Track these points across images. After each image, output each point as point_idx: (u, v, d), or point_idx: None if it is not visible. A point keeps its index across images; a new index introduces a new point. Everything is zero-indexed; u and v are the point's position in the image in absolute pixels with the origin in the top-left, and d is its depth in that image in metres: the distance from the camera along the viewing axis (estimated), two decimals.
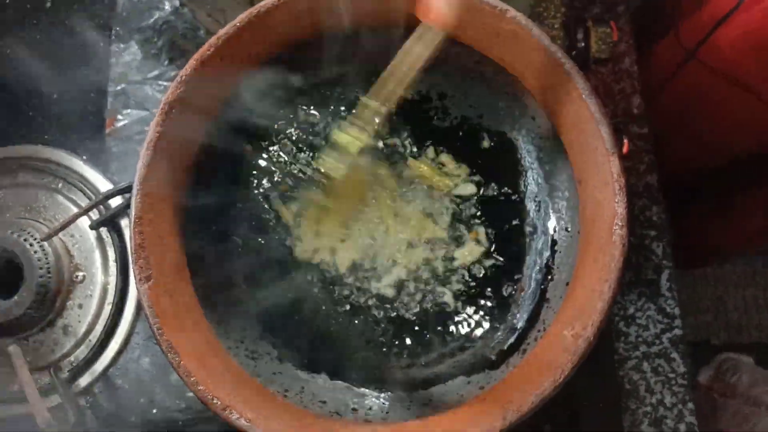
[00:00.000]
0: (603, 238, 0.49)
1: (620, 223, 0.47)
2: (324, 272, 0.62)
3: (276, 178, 0.64)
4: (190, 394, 0.65)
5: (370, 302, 0.61)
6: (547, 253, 0.59)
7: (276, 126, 0.64)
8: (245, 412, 0.47)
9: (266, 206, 0.63)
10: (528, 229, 0.61)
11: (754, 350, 1.15)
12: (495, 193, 0.63)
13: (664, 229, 0.72)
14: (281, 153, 0.64)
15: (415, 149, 0.64)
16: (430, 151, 0.64)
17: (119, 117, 0.75)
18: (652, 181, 0.74)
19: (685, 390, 0.68)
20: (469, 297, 0.61)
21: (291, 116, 0.64)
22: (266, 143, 0.64)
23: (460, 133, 0.63)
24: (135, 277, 0.49)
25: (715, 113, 0.80)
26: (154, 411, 0.66)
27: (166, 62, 0.77)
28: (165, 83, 0.76)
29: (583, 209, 0.54)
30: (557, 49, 0.50)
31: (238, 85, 0.57)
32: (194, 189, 0.56)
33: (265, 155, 0.64)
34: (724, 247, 1.08)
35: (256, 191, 0.63)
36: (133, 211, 0.50)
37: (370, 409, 0.57)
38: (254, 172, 0.63)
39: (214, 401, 0.47)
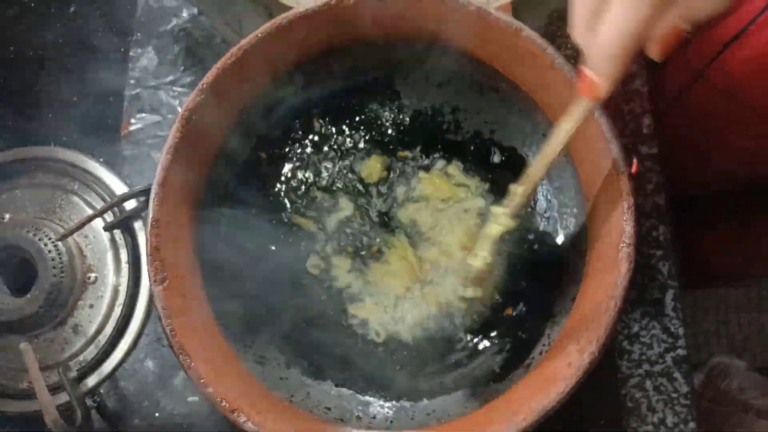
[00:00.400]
0: (610, 256, 0.49)
1: (627, 241, 0.48)
2: (334, 285, 0.63)
3: (292, 187, 0.64)
4: (192, 398, 0.66)
5: None
6: (554, 269, 0.60)
7: (292, 135, 0.65)
8: (252, 416, 0.48)
9: (281, 215, 0.64)
10: (536, 244, 0.62)
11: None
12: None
13: (670, 249, 0.72)
14: (297, 163, 0.65)
15: (426, 162, 0.65)
16: (440, 163, 0.64)
17: (132, 121, 0.75)
18: (660, 201, 0.74)
19: (688, 410, 0.68)
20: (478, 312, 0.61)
21: (307, 127, 0.65)
22: (282, 153, 0.65)
23: (472, 148, 0.64)
24: (150, 278, 0.50)
25: (724, 136, 0.80)
26: (157, 414, 0.67)
27: (182, 68, 0.77)
28: (179, 89, 0.77)
29: (591, 226, 0.54)
30: (570, 68, 0.51)
31: (256, 94, 0.58)
32: (210, 194, 0.57)
33: (281, 165, 0.65)
34: (737, 270, 1.08)
35: (271, 199, 0.64)
36: (150, 214, 0.50)
37: (374, 417, 0.57)
38: (270, 180, 0.64)
39: (223, 404, 0.48)
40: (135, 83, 0.77)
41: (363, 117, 0.65)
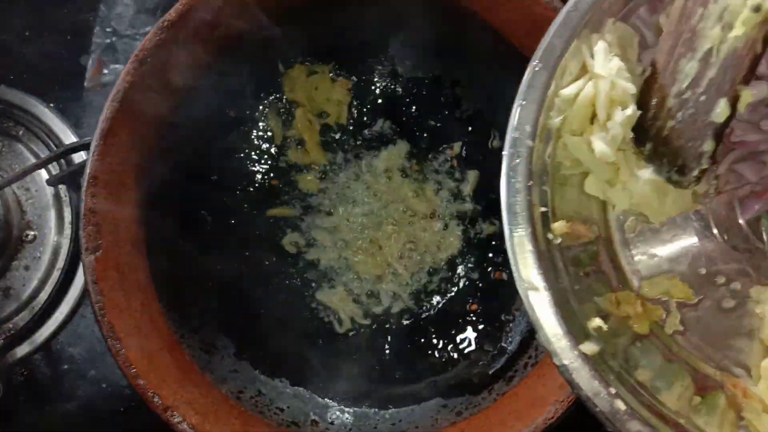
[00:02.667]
0: None
1: None
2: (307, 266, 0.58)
3: (262, 147, 0.58)
4: None
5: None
6: None
7: (263, 92, 0.59)
8: (189, 416, 0.43)
9: (253, 178, 0.58)
10: None
11: None
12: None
13: None
14: (270, 121, 0.59)
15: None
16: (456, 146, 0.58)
17: (105, 71, 0.70)
18: None
19: None
20: (456, 312, 0.56)
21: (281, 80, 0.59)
22: (254, 109, 0.59)
23: (470, 128, 0.57)
24: (81, 246, 0.44)
25: None
26: (104, 385, 0.62)
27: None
28: None
29: None
30: None
31: (229, 39, 0.51)
32: (164, 153, 0.51)
33: (251, 122, 0.59)
34: None
35: (236, 161, 0.58)
36: (87, 169, 0.44)
37: (332, 423, 0.53)
38: (236, 139, 0.58)
39: (155, 399, 0.42)
40: (110, 31, 0.71)
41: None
